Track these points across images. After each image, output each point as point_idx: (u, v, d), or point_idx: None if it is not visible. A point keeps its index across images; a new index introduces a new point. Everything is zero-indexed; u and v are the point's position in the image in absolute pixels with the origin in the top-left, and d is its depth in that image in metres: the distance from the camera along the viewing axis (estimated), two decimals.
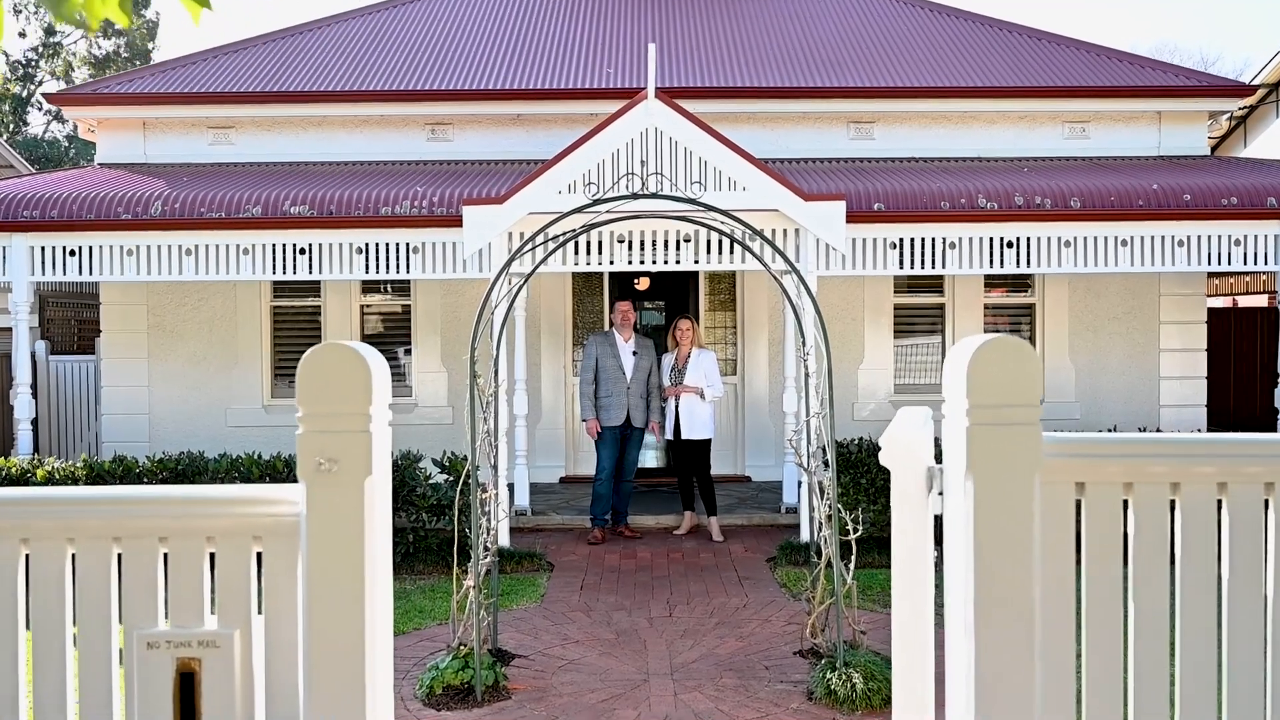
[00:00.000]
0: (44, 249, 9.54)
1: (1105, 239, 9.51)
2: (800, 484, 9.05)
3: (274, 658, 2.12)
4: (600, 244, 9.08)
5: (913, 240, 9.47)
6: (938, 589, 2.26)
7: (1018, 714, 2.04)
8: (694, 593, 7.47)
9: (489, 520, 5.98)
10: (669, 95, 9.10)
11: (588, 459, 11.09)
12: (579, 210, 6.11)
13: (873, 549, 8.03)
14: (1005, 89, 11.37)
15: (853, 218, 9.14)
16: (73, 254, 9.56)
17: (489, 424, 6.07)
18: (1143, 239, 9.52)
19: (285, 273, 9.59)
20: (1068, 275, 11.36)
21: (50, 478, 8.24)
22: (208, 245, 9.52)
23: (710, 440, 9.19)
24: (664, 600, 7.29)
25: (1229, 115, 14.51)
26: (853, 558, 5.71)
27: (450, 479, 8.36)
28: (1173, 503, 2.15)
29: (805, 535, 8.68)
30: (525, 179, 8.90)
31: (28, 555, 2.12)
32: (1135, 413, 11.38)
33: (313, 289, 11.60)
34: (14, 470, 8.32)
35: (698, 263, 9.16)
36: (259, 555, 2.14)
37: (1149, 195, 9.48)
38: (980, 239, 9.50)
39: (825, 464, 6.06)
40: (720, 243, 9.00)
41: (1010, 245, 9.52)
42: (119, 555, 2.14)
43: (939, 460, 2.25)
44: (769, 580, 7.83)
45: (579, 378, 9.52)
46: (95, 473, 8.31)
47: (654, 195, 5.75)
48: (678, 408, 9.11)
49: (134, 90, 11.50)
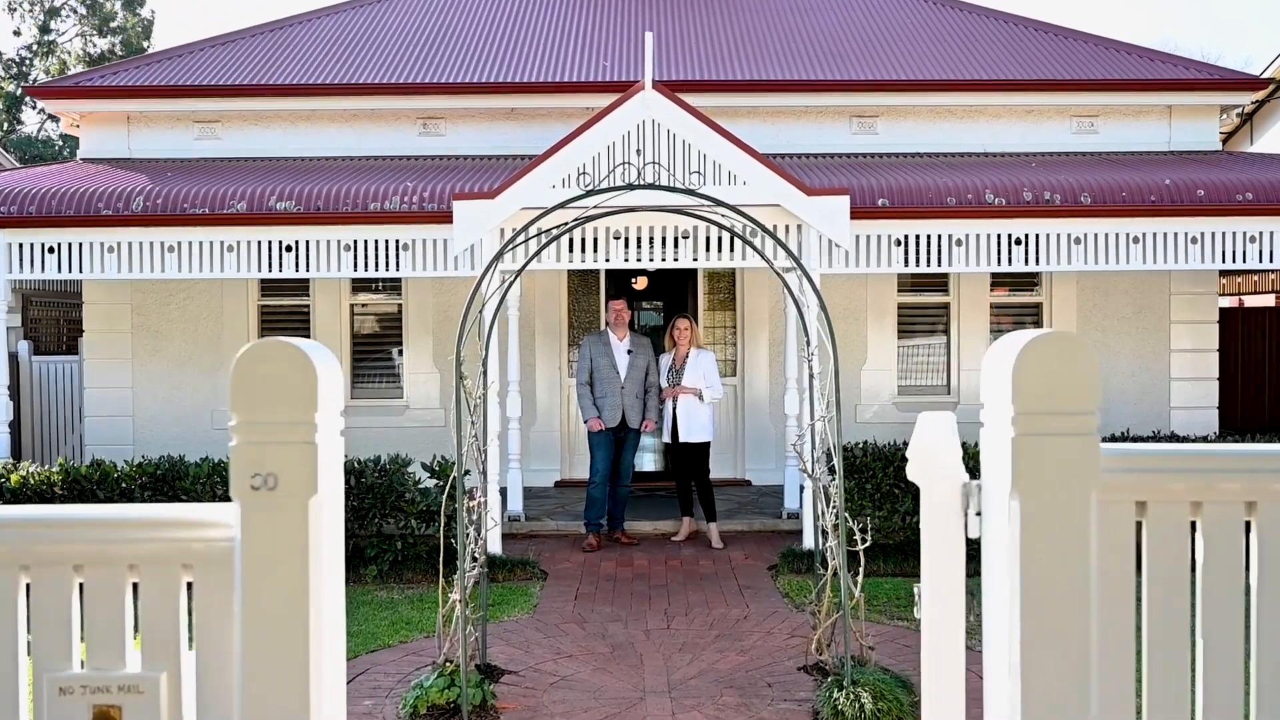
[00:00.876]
0: (21, 246, 9.22)
1: (1117, 236, 9.22)
2: (802, 488, 8.76)
3: (206, 704, 1.83)
4: (595, 241, 8.79)
5: (918, 237, 9.18)
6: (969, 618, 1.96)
7: None
8: (693, 603, 7.18)
9: (477, 529, 5.68)
10: (667, 88, 8.81)
11: (583, 462, 10.77)
12: (572, 201, 5.81)
13: (878, 556, 7.74)
14: (1011, 82, 11.08)
15: (856, 214, 8.85)
16: (51, 251, 9.25)
17: (476, 427, 5.77)
18: (1155, 236, 9.23)
19: (271, 270, 9.30)
20: (1075, 274, 11.07)
21: (24, 483, 7.92)
22: (191, 242, 9.22)
23: (709, 443, 8.89)
24: (661, 611, 6.99)
25: (1240, 110, 14.22)
26: (861, 570, 5.41)
27: (440, 484, 8.06)
28: (1247, 524, 1.86)
29: (808, 542, 8.38)
30: (518, 173, 8.60)
31: None
32: (1145, 415, 11.08)
33: (301, 288, 11.29)
34: None
35: (696, 260, 8.86)
36: (190, 585, 1.85)
37: (1161, 191, 9.19)
38: (988, 236, 9.21)
39: (831, 470, 5.76)
40: (720, 239, 8.71)
41: (1019, 242, 9.22)
42: (27, 586, 1.84)
43: (974, 475, 1.96)
44: (770, 589, 7.54)
45: (575, 379, 9.22)
46: (71, 478, 8.00)
47: (651, 186, 5.45)
48: (675, 410, 8.81)
49: (118, 83, 11.20)
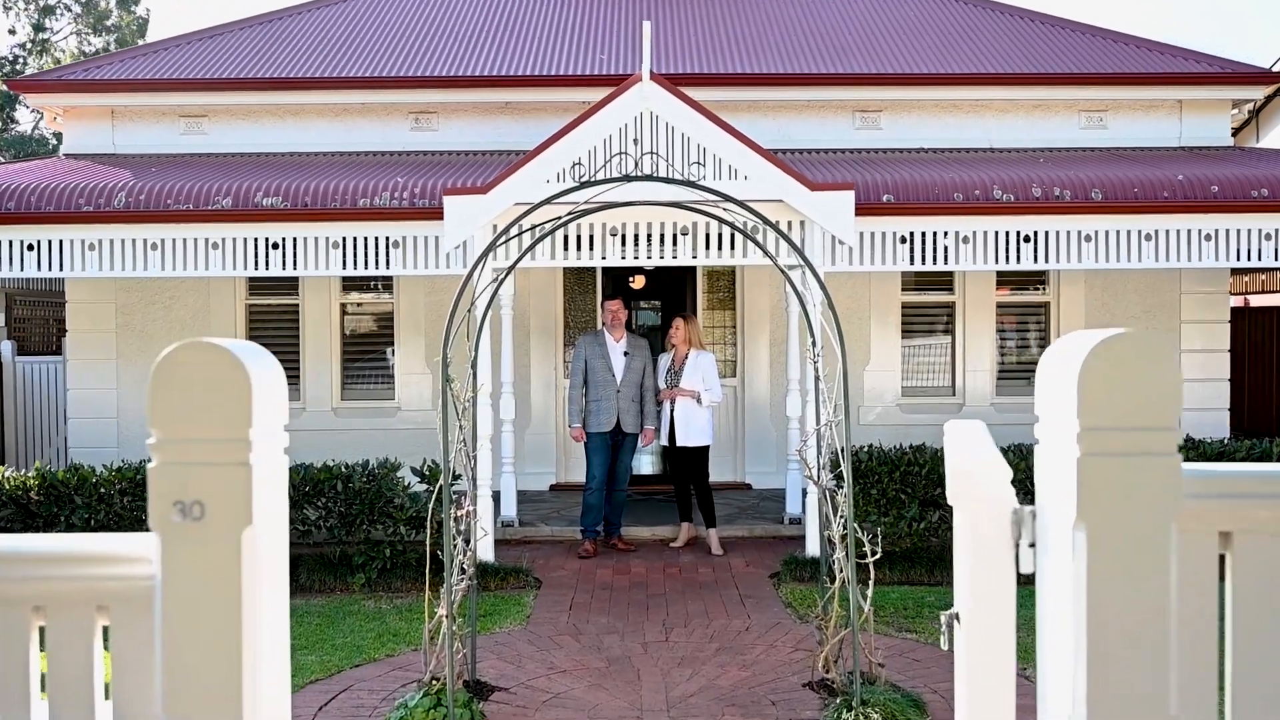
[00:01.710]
0: None
1: (1129, 233, 8.94)
2: (805, 493, 8.49)
3: None
4: (592, 238, 8.50)
5: (924, 234, 8.90)
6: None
7: None
8: (692, 613, 6.90)
9: (466, 540, 5.40)
10: (666, 80, 8.52)
11: (579, 465, 10.48)
12: (567, 194, 5.52)
13: (884, 563, 7.43)
14: (1018, 76, 10.81)
15: (861, 210, 8.56)
16: (30, 248, 8.96)
17: (464, 431, 5.49)
18: (1168, 233, 8.96)
19: (257, 268, 9.01)
20: (1084, 272, 10.79)
21: None
22: (174, 239, 8.93)
23: (708, 447, 8.60)
24: (659, 622, 6.71)
25: (1252, 105, 13.95)
26: (870, 583, 5.14)
27: (430, 489, 7.77)
28: None
29: (811, 549, 8.10)
30: (511, 167, 8.31)
31: None
32: None
33: (290, 286, 11.01)
34: None
35: (696, 257, 8.57)
36: (107, 629, 1.57)
37: (1175, 186, 8.92)
38: (995, 233, 8.93)
39: (838, 478, 5.48)
40: (720, 235, 8.43)
41: (1027, 240, 8.95)
42: None
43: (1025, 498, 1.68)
44: (773, 599, 7.26)
45: (569, 380, 8.94)
46: (48, 483, 7.72)
47: (648, 178, 5.17)
48: (673, 412, 8.53)
49: (102, 76, 10.90)
